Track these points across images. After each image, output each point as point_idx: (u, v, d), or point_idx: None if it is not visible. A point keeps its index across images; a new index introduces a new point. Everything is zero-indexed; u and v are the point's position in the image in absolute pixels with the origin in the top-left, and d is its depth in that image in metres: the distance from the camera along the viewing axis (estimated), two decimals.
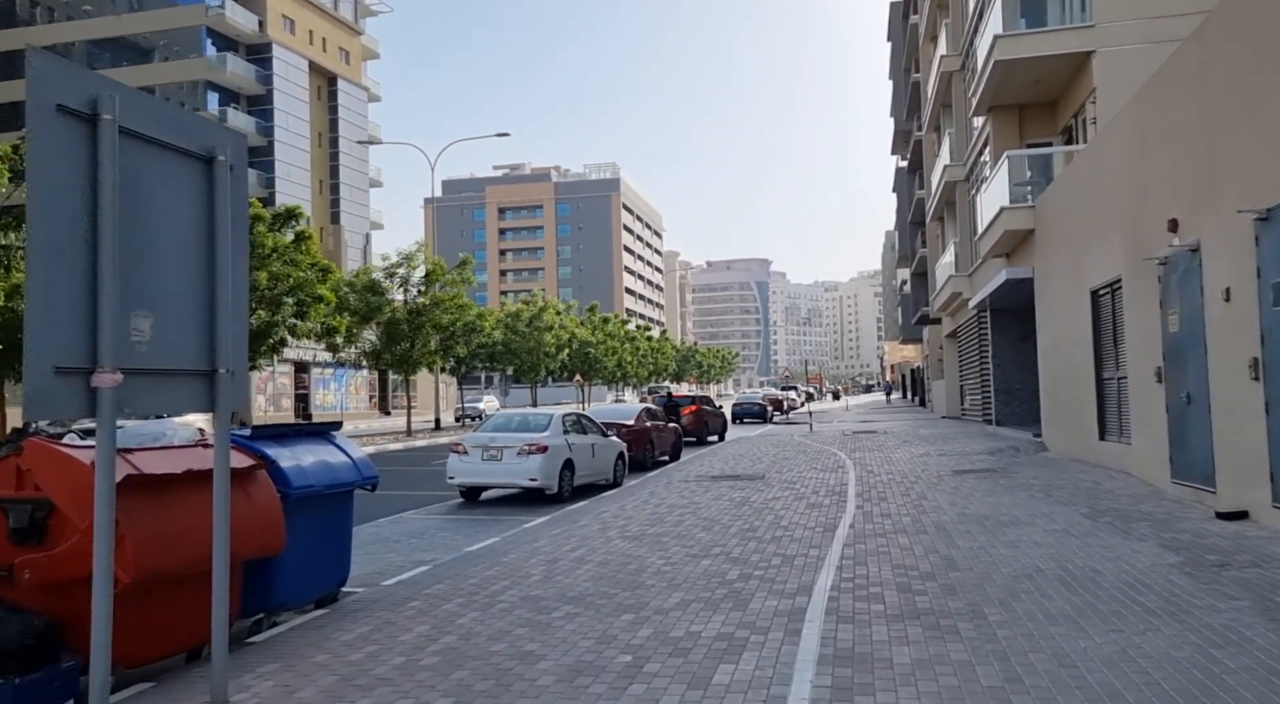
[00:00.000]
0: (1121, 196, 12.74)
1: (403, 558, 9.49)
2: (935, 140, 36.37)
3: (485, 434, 14.46)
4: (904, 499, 11.92)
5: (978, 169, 27.38)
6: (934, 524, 9.68)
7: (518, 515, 12.75)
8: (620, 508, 12.25)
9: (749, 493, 13.34)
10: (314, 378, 60.08)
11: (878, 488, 13.36)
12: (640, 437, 19.58)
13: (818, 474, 15.79)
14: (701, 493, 13.53)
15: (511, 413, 15.95)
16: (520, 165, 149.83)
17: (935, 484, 13.54)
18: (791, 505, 11.79)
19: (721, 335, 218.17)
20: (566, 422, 15.08)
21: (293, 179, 63.32)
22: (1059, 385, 17.11)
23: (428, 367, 33.17)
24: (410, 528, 11.76)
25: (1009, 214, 18.82)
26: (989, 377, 26.09)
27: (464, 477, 14.13)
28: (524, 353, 43.26)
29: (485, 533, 10.96)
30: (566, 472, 14.35)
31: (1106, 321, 14.10)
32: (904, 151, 65.16)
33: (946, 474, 14.88)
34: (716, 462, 19.18)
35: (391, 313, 30.42)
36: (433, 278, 31.47)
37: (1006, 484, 13.09)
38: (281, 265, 22.85)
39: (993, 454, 18.13)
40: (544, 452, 13.86)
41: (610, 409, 21.73)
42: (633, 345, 63.99)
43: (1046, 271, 17.83)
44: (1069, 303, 15.92)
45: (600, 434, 16.13)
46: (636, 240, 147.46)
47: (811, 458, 19.35)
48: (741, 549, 8.64)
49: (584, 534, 9.99)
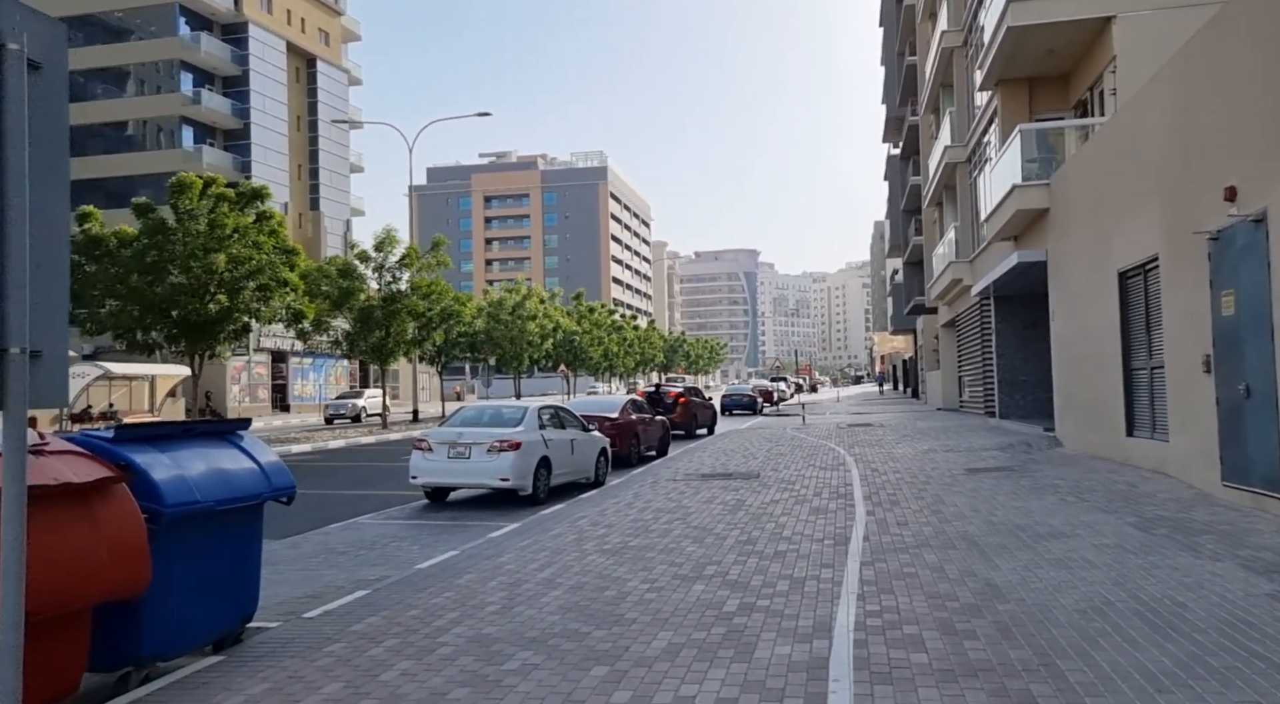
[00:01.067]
0: (1160, 165, 11.44)
1: (344, 576, 8.11)
2: (933, 122, 35.08)
3: (452, 429, 13.08)
4: (918, 503, 10.62)
5: (981, 149, 26.09)
6: (960, 536, 8.36)
7: (486, 520, 11.40)
8: (601, 512, 10.89)
9: (744, 495, 12.02)
10: (291, 368, 58.53)
11: (886, 489, 12.05)
12: (625, 431, 18.23)
13: (817, 473, 14.48)
14: (691, 495, 12.19)
15: (483, 405, 14.56)
16: (506, 153, 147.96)
17: (949, 485, 12.24)
18: (793, 510, 10.46)
19: (710, 326, 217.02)
20: (543, 415, 13.71)
21: (270, 163, 61.50)
22: (1077, 376, 15.85)
23: (404, 355, 31.70)
24: (362, 536, 10.37)
25: (1021, 192, 17.51)
26: (992, 367, 24.86)
27: (428, 476, 12.74)
28: (506, 342, 41.80)
29: (445, 543, 9.60)
30: (542, 470, 12.99)
31: (1137, 306, 12.82)
32: (896, 139, 63.89)
33: (959, 473, 13.59)
34: (706, 457, 17.86)
35: (366, 299, 28.92)
36: (408, 262, 29.96)
37: (1029, 485, 11.80)
38: (244, 248, 21.31)
39: (1003, 450, 16.86)
40: (516, 449, 12.49)
41: (592, 401, 20.37)
42: (619, 335, 62.53)
43: (1063, 254, 16.55)
44: (1091, 286, 14.64)
45: (580, 429, 14.77)
46: (624, 230, 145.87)
47: (808, 454, 18.05)
48: (740, 569, 7.30)
49: (557, 546, 8.63)
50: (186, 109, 57.41)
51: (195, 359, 22.37)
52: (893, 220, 64.18)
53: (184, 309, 20.81)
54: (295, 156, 64.99)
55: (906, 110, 53.48)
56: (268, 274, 21.54)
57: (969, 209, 28.02)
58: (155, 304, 20.18)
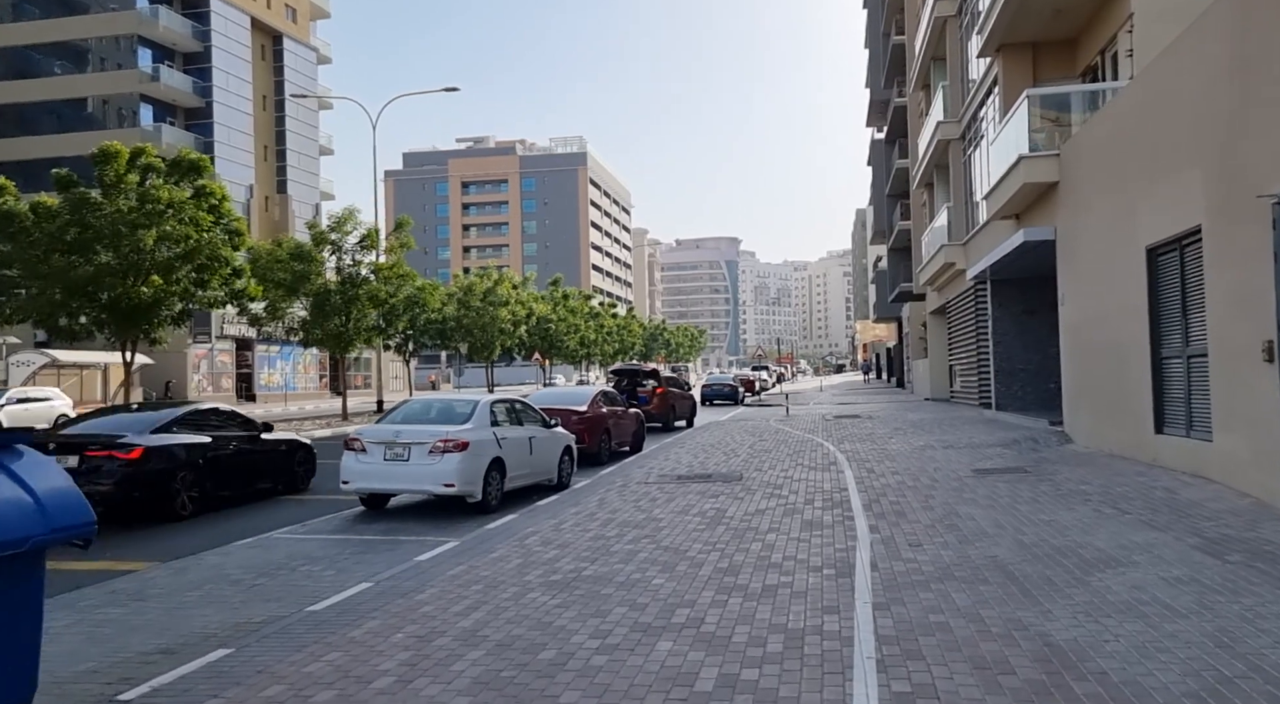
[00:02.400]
0: (1204, 123, 9.90)
1: (220, 619, 6.45)
2: (923, 100, 33.56)
3: (390, 426, 11.39)
4: (928, 516, 9.06)
5: (976, 125, 24.57)
6: (990, 563, 6.81)
7: (423, 534, 9.76)
8: (557, 526, 9.28)
9: (724, 502, 10.43)
10: (258, 356, 56.50)
11: (888, 495, 10.50)
12: (594, 425, 16.62)
13: (807, 473, 12.92)
14: (664, 502, 10.59)
15: (430, 399, 12.88)
16: (484, 138, 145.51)
17: (958, 490, 10.71)
18: (782, 524, 8.89)
19: (691, 314, 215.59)
20: (496, 410, 12.05)
21: (234, 143, 59.23)
22: (1092, 366, 14.36)
23: (365, 343, 29.90)
24: (270, 557, 8.69)
25: (1028, 164, 15.98)
26: (987, 356, 23.42)
27: (360, 482, 11.06)
28: (477, 330, 39.99)
29: (364, 568, 7.95)
30: (494, 474, 11.34)
31: (1170, 285, 11.31)
32: (880, 123, 62.41)
33: (966, 475, 12.07)
34: (684, 454, 16.28)
35: (323, 284, 27.08)
36: (368, 244, 28.11)
37: (1051, 491, 10.29)
38: (179, 225, 19.42)
39: (1008, 447, 15.38)
40: (463, 449, 10.83)
41: (558, 393, 18.71)
42: (596, 322, 60.78)
43: (1075, 230, 15.03)
44: (1111, 265, 13.13)
45: (541, 424, 13.14)
46: (604, 216, 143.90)
47: (794, 450, 16.50)
48: (719, 615, 5.71)
49: (494, 576, 7.01)
50: (145, 86, 55.01)
51: (128, 347, 20.53)
52: (876, 206, 62.82)
53: (113, 292, 18.97)
54: (261, 137, 62.69)
55: (892, 92, 52.01)
56: (206, 254, 19.67)
57: (962, 189, 26.53)
58: (79, 287, 18.32)
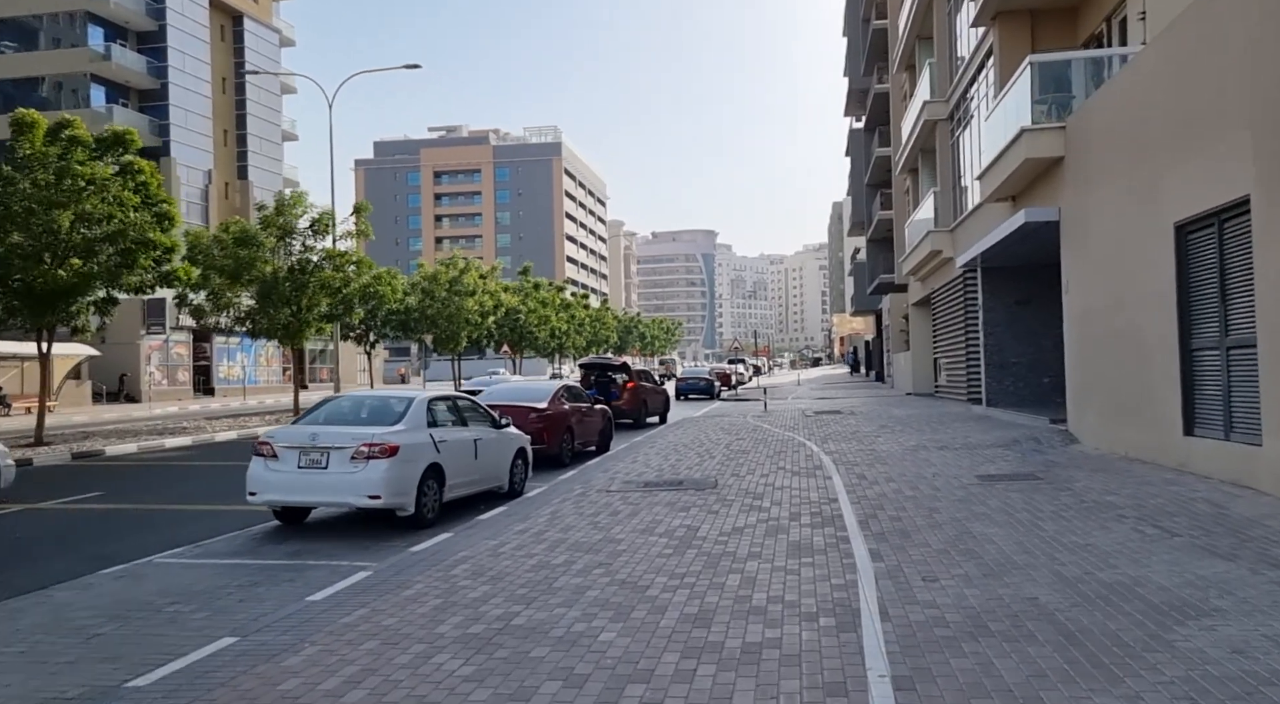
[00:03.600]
0: (1258, 76, 8.49)
1: (16, 695, 4.84)
2: (907, 82, 32.20)
3: (307, 427, 9.77)
4: (937, 536, 7.60)
5: (965, 103, 23.21)
6: (1032, 609, 5.35)
7: (337, 558, 8.19)
8: (495, 549, 7.74)
9: (696, 517, 8.92)
10: (216, 348, 54.33)
11: (886, 508, 9.04)
12: (555, 424, 15.07)
13: (790, 479, 11.44)
14: (626, 517, 9.07)
15: (360, 395, 11.25)
16: (456, 127, 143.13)
17: (965, 502, 9.27)
18: (764, 548, 7.39)
19: (667, 307, 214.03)
20: (435, 409, 10.46)
21: (191, 127, 56.92)
22: (1103, 359, 13.00)
23: (318, 334, 28.10)
24: (133, 595, 7.05)
25: (1031, 138, 14.58)
26: (977, 348, 22.08)
27: (269, 493, 9.43)
28: (442, 320, 38.21)
29: (242, 611, 6.37)
30: (431, 482, 9.77)
31: (1204, 267, 9.93)
32: (859, 112, 61.17)
33: (970, 482, 10.65)
34: (654, 456, 14.77)
35: (272, 272, 25.26)
36: (320, 228, 26.31)
37: (1073, 503, 8.87)
38: (99, 204, 17.58)
39: (1009, 448, 14.00)
40: (392, 454, 9.24)
41: (515, 389, 17.10)
42: (568, 313, 59.06)
43: (1083, 210, 13.65)
44: (1129, 246, 11.75)
45: (490, 424, 11.57)
46: (579, 208, 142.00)
47: (775, 450, 15.05)
48: (685, 692, 4.19)
49: (396, 627, 5.46)
50: (95, 65, 52.58)
51: (43, 336, 18.69)
52: (855, 197, 61.62)
53: (25, 276, 17.15)
54: (220, 121, 60.37)
55: (872, 79, 50.76)
56: (131, 236, 17.86)
57: (950, 173, 25.19)
58: None
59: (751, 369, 64.09)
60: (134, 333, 48.29)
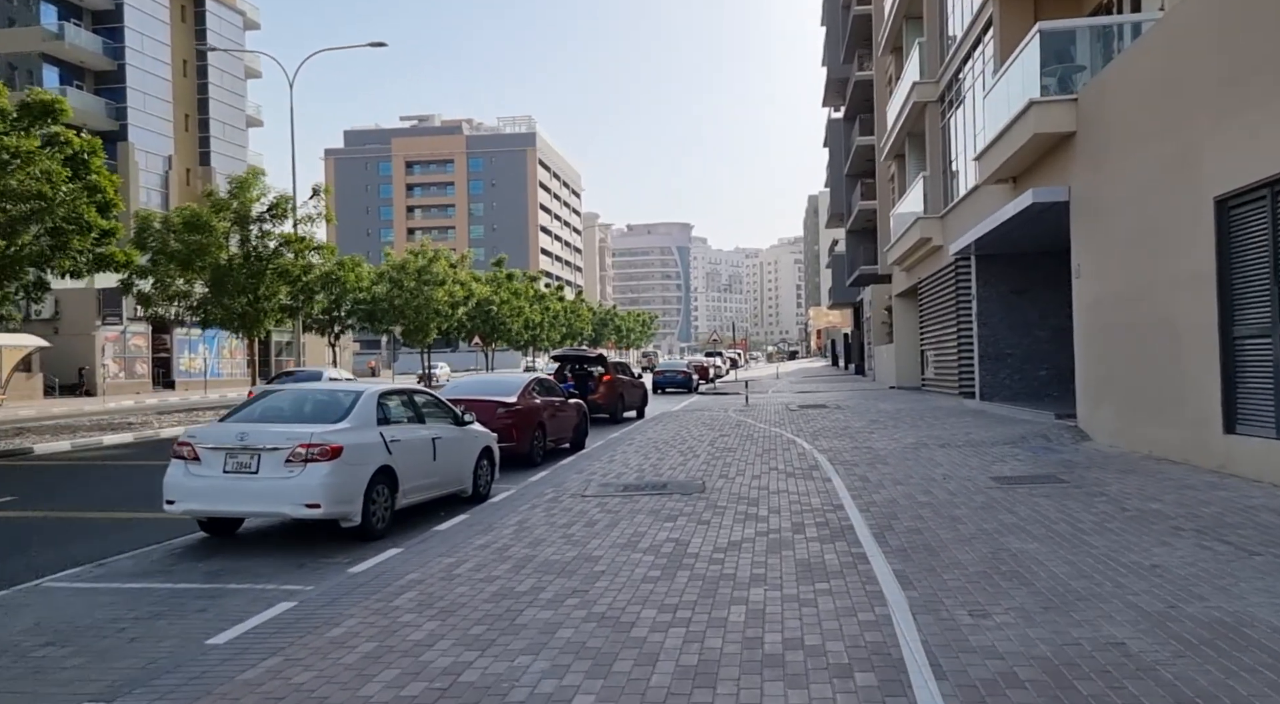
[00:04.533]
0: None
1: None
2: (892, 65, 31.17)
3: (236, 425, 8.47)
4: (969, 553, 6.49)
5: (958, 84, 22.18)
6: (1123, 659, 4.22)
7: (264, 581, 6.95)
8: (449, 570, 6.53)
9: (685, 527, 7.76)
10: (177, 339, 52.47)
11: (901, 517, 7.92)
12: (525, 420, 13.85)
13: (785, 482, 10.31)
14: (604, 528, 7.89)
15: (303, 389, 9.96)
16: (429, 117, 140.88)
17: (989, 508, 8.18)
18: (769, 569, 6.24)
19: (642, 300, 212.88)
20: (387, 404, 9.22)
21: (150, 111, 54.86)
22: (1123, 348, 11.97)
23: (277, 324, 26.65)
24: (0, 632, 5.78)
25: (1040, 111, 13.52)
26: (970, 340, 21.11)
27: (189, 501, 8.14)
28: (410, 311, 36.73)
29: (130, 656, 5.12)
30: (381, 488, 8.52)
31: (1251, 245, 8.88)
32: (839, 101, 60.30)
33: (987, 485, 9.56)
34: (634, 454, 13.60)
35: (228, 259, 23.78)
36: (278, 213, 24.85)
37: (1113, 512, 7.80)
38: (26, 179, 16.09)
39: (1015, 445, 12.96)
40: (334, 456, 7.99)
41: (482, 381, 15.83)
42: (542, 305, 57.63)
43: (1099, 187, 12.61)
44: (1157, 225, 10.71)
45: (452, 421, 10.34)
46: (553, 199, 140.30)
47: (763, 448, 13.92)
48: None
49: (311, 687, 4.25)
50: (48, 45, 50.39)
51: None
52: (834, 188, 60.73)
53: None
54: (181, 105, 58.31)
55: (852, 67, 49.84)
56: (60, 214, 16.35)
57: (940, 157, 24.18)
58: None
59: (729, 362, 63.09)
60: (89, 324, 46.42)
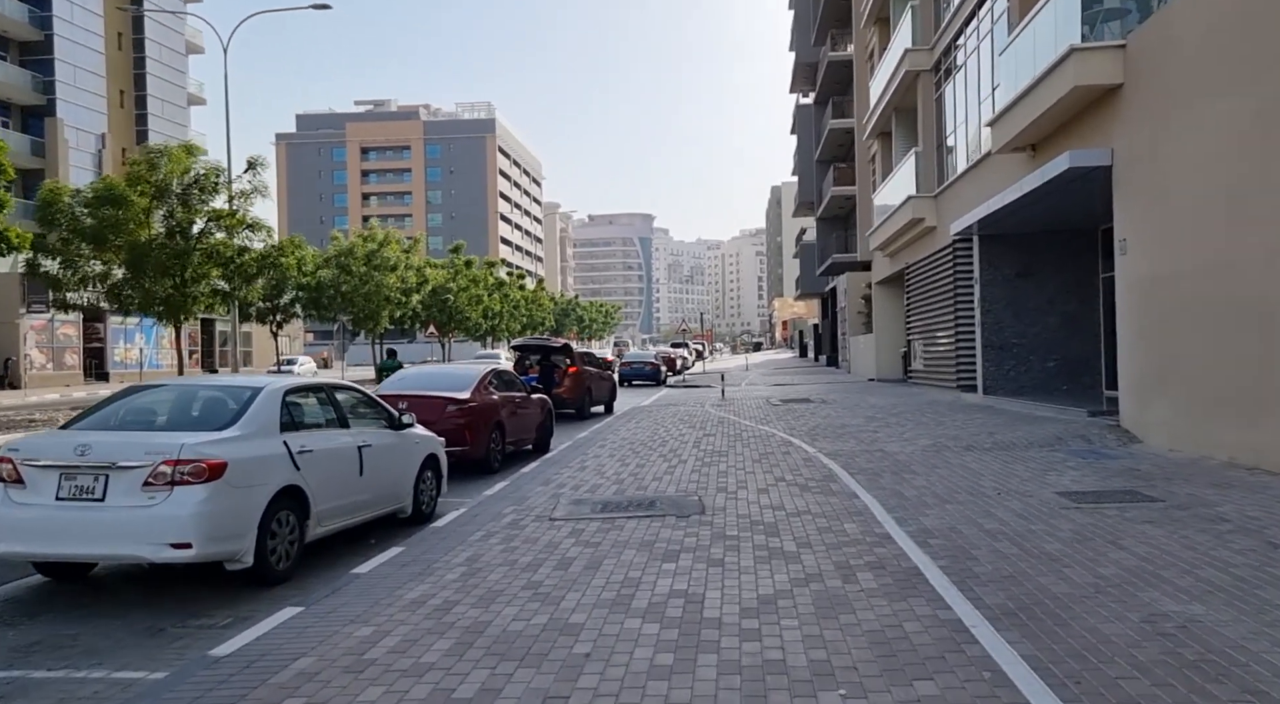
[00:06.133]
0: None
1: None
2: (876, 38, 29.35)
3: (76, 434, 6.26)
4: (1112, 622, 4.56)
5: (954, 53, 20.37)
6: None
7: (86, 667, 4.83)
8: (360, 650, 4.45)
9: (694, 574, 5.73)
10: (111, 328, 49.31)
11: (978, 556, 5.96)
12: (480, 419, 11.72)
13: (802, 497, 8.32)
14: (583, 571, 5.83)
15: (187, 386, 7.76)
16: (385, 102, 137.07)
17: (1086, 541, 6.26)
18: (835, 657, 4.23)
19: (604, 291, 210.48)
20: (295, 403, 7.07)
21: (81, 85, 51.44)
22: (1189, 334, 10.16)
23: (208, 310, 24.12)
24: None
25: (1082, 60, 11.65)
26: (971, 328, 19.34)
27: (9, 541, 5.91)
28: (359, 298, 34.21)
29: None
30: (285, 515, 6.41)
31: None
32: (808, 87, 58.61)
33: (1060, 504, 7.66)
34: (608, 459, 11.55)
35: (150, 237, 21.25)
36: (206, 186, 22.34)
37: (1257, 546, 5.93)
38: None
39: (1053, 448, 11.12)
40: (213, 477, 5.84)
41: (429, 374, 13.57)
42: (501, 293, 55.18)
43: (1154, 148, 10.78)
44: (1244, 187, 8.89)
45: (386, 423, 8.21)
46: (514, 187, 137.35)
47: (759, 451, 11.95)
48: None
49: None
50: None
51: None
52: (803, 175, 59.05)
53: None
54: (116, 81, 54.90)
55: (824, 48, 48.21)
56: None
57: (933, 132, 22.38)
58: None
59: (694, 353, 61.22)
60: (13, 311, 43.23)
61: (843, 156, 47.38)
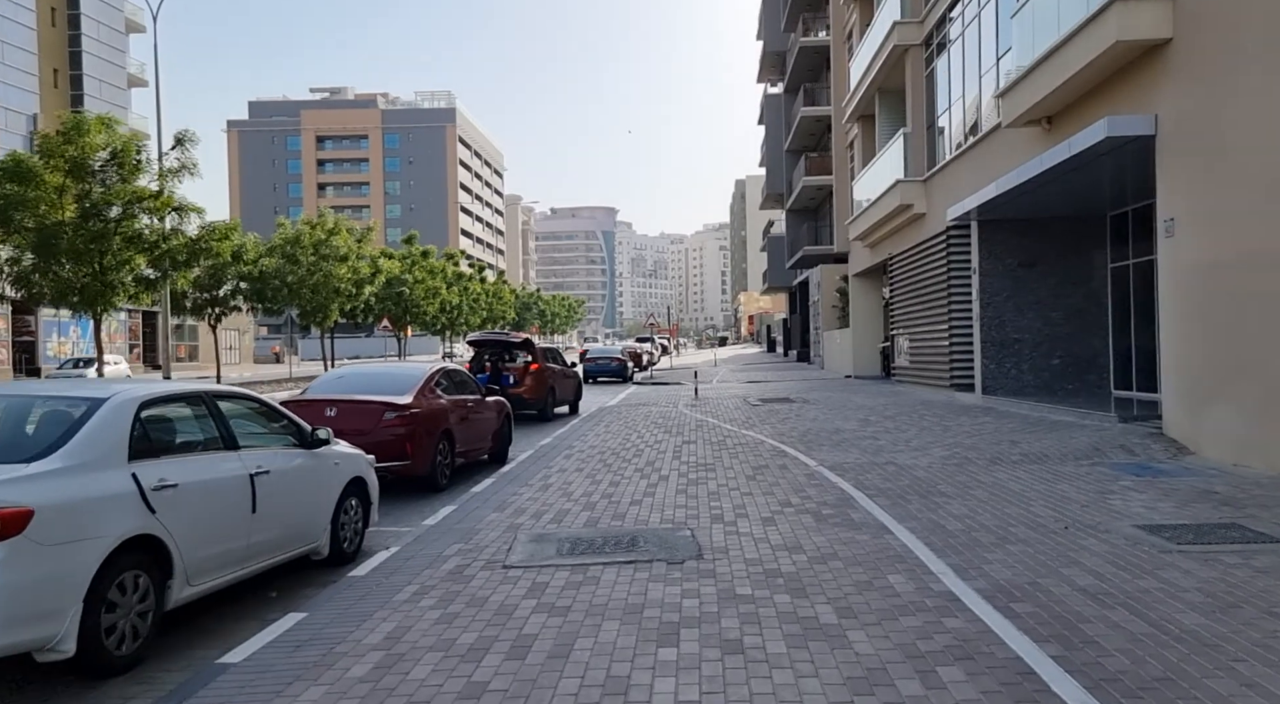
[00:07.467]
0: None
1: None
2: (856, 14, 27.78)
3: None
4: None
5: (947, 27, 18.83)
6: None
7: None
8: None
9: (707, 670, 3.98)
10: (44, 321, 46.51)
11: (1099, 640, 4.30)
12: (424, 428, 9.88)
13: (820, 531, 6.64)
14: (547, 662, 4.07)
15: (11, 389, 5.89)
16: (342, 89, 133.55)
17: (1231, 611, 4.65)
18: None
19: (566, 285, 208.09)
20: (155, 417, 5.24)
21: (10, 62, 48.39)
22: (1262, 330, 8.63)
23: (132, 301, 21.91)
24: None
25: (1124, 11, 10.09)
26: (968, 322, 17.85)
27: None
28: (306, 289, 32.01)
29: None
30: (131, 577, 4.60)
31: None
32: (776, 76, 57.19)
33: (1158, 547, 6.06)
34: (575, 474, 9.80)
35: (60, 219, 19.06)
36: (126, 162, 20.18)
37: None
38: None
39: (1094, 462, 9.57)
40: (7, 533, 3.99)
41: (363, 375, 11.59)
42: (460, 285, 53.02)
43: (1213, 112, 9.26)
44: None
45: (294, 440, 6.40)
46: (475, 179, 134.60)
47: (750, 463, 10.26)
48: None
49: None
50: None
51: None
52: (771, 166, 57.54)
53: None
54: (49, 59, 51.81)
55: (794, 34, 46.77)
56: None
57: (924, 111, 20.85)
58: None
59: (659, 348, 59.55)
60: None
61: (814, 146, 45.94)
